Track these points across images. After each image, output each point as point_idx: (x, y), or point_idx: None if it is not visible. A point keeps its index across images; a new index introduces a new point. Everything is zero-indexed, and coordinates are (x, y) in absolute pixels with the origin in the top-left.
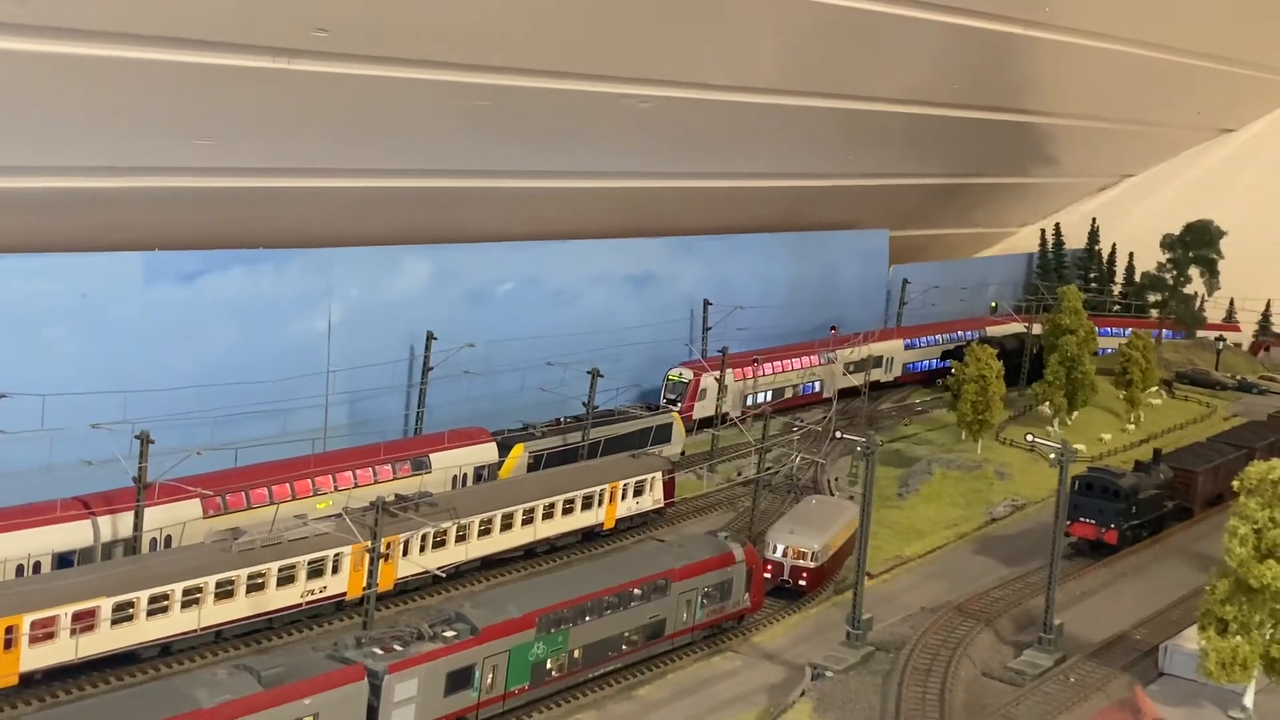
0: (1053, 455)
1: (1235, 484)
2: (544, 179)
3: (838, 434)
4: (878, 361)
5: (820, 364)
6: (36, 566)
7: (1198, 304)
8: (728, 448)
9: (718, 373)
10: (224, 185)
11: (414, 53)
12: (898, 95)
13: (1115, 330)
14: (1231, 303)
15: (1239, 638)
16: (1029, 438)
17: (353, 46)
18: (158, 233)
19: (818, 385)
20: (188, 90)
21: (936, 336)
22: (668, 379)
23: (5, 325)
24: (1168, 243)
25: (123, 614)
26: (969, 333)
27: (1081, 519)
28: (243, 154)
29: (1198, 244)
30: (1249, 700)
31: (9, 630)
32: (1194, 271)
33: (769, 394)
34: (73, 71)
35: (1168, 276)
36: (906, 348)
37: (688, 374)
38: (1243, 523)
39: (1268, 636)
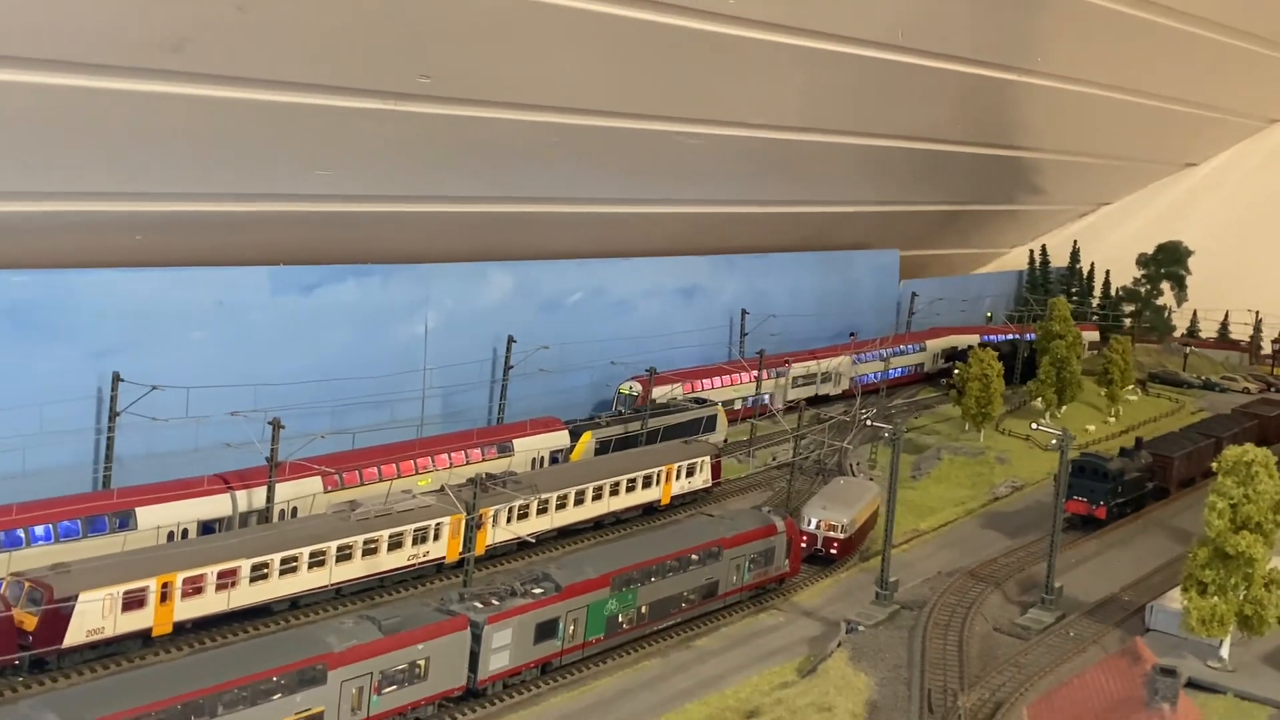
0: (1054, 441)
1: (1214, 465)
2: (606, 205)
3: (868, 421)
4: (826, 376)
5: (768, 378)
6: (185, 533)
7: (1166, 314)
8: (763, 436)
9: (667, 386)
10: (339, 209)
11: (499, 96)
12: (908, 133)
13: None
14: (1195, 314)
15: (1217, 598)
16: (1034, 426)
17: (450, 91)
18: (283, 249)
19: (767, 398)
20: (312, 128)
21: (883, 351)
22: (619, 392)
23: (155, 328)
24: (1142, 260)
25: (259, 573)
26: (911, 346)
27: (1075, 497)
28: (355, 182)
29: (1168, 261)
30: (1224, 652)
31: (165, 586)
32: (1165, 286)
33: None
34: (216, 111)
35: (1141, 290)
36: (855, 362)
37: (638, 388)
38: (1220, 499)
39: (1242, 597)
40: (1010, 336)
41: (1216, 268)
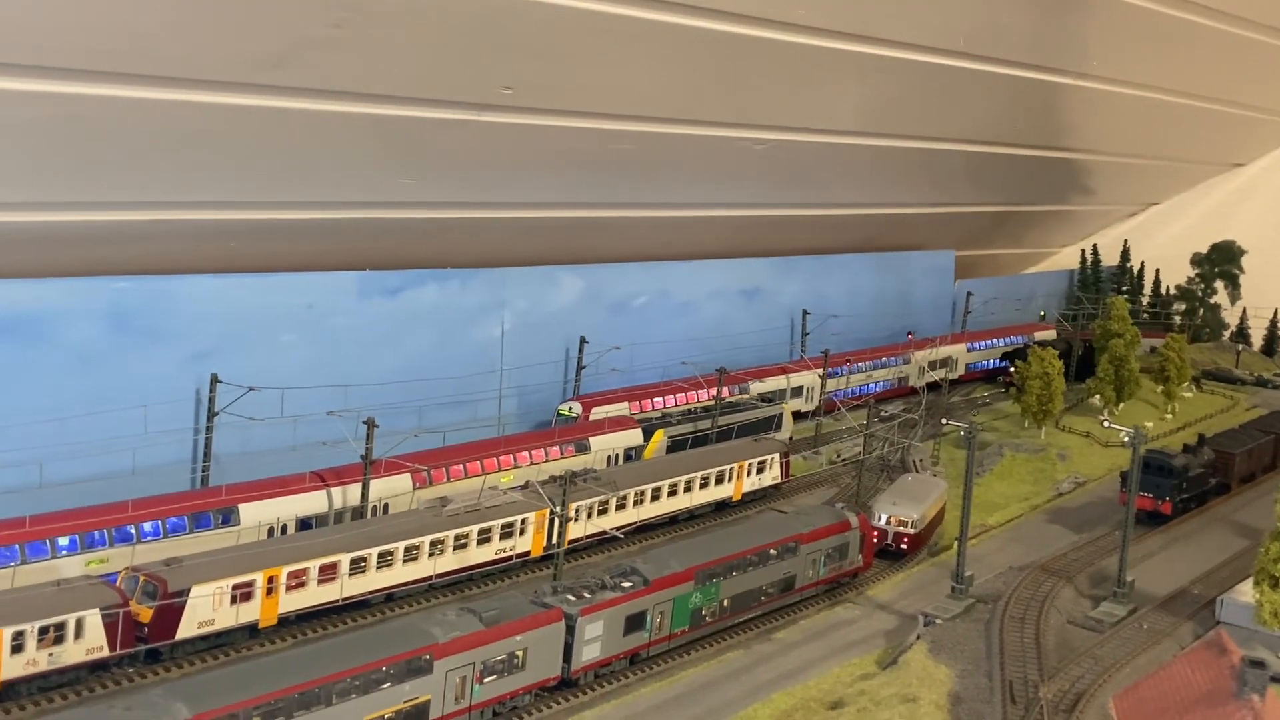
0: (1126, 438)
1: None
2: (673, 209)
3: (944, 420)
4: (797, 391)
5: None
6: (284, 529)
7: (1221, 313)
8: (829, 432)
9: (608, 407)
10: (421, 216)
11: (575, 105)
12: (964, 136)
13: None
14: (1244, 312)
15: None
16: (1105, 423)
17: (529, 102)
18: (368, 255)
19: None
20: (399, 139)
21: (861, 364)
22: (558, 413)
23: (249, 331)
24: (1196, 260)
25: (358, 567)
26: (891, 359)
27: (1141, 493)
28: (437, 190)
29: (1222, 260)
30: None
31: (270, 580)
32: (1219, 284)
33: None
34: (311, 124)
35: (1196, 289)
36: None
37: (577, 408)
38: None
39: None
40: (1010, 339)
41: (1264, 266)
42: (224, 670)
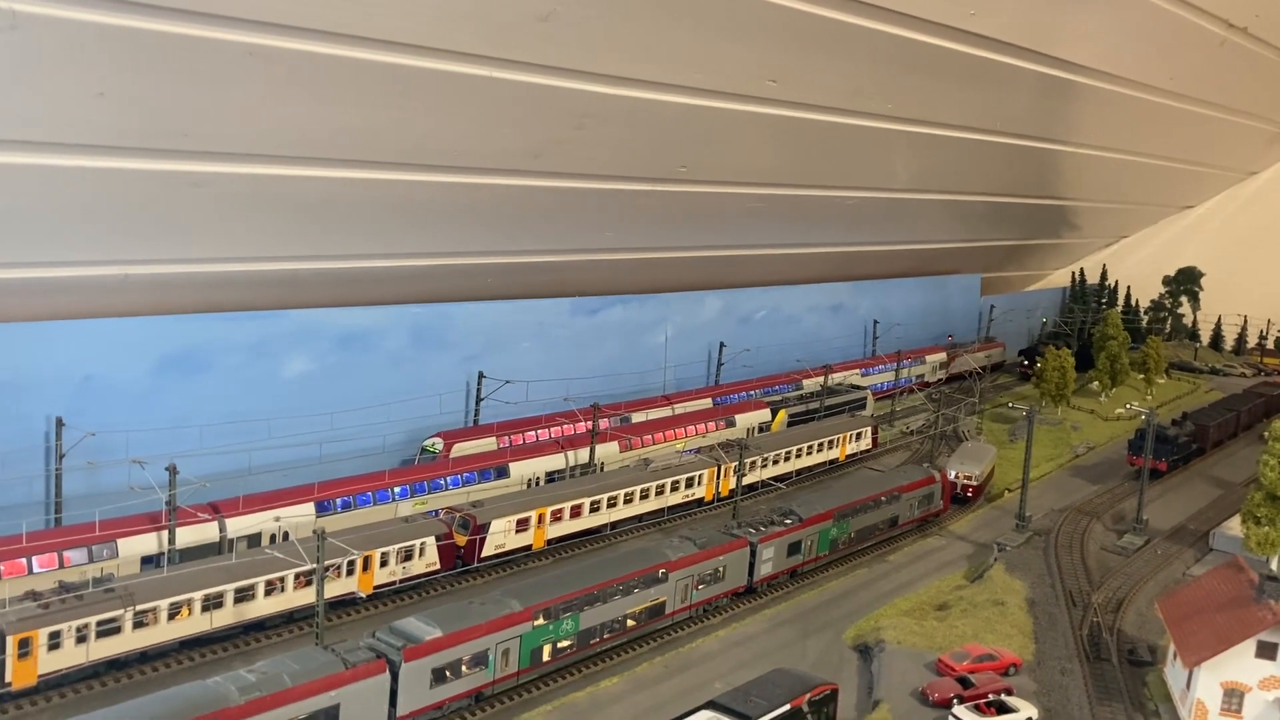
0: (1144, 415)
1: (1266, 433)
2: (784, 248)
3: (1010, 405)
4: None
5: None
6: (537, 481)
7: (1187, 321)
8: (901, 410)
9: (470, 440)
10: (615, 257)
11: (725, 177)
12: (985, 190)
13: None
14: (1195, 319)
15: (1268, 527)
16: (1129, 405)
17: (696, 176)
18: (576, 285)
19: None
20: (608, 204)
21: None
22: (423, 448)
23: (501, 341)
24: (1166, 281)
25: (595, 508)
26: (787, 385)
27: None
28: (628, 239)
29: (1186, 281)
30: (1274, 565)
31: (540, 516)
32: (1184, 300)
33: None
34: (554, 196)
35: (1166, 303)
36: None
37: (439, 444)
38: (1272, 456)
39: None
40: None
41: (1210, 283)
42: (530, 579)
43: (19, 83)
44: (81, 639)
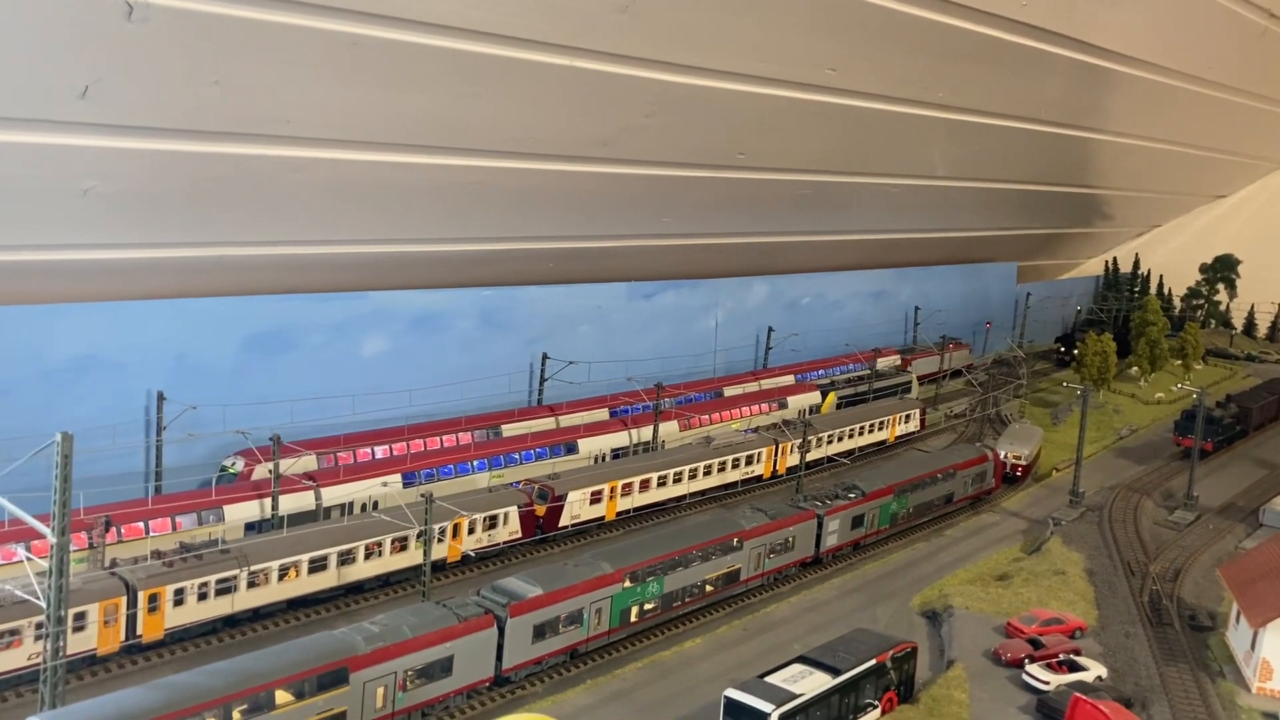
0: (1195, 395)
1: None
2: (831, 235)
3: (1065, 384)
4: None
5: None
6: (603, 457)
7: (1224, 308)
8: (946, 394)
9: (271, 464)
10: (671, 243)
11: (780, 163)
12: (1022, 179)
13: None
14: (1229, 306)
15: None
16: (1179, 384)
17: (754, 162)
18: (632, 270)
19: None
20: (666, 190)
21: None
22: (222, 467)
23: (562, 323)
24: (1203, 268)
25: (661, 482)
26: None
27: (1191, 435)
28: (685, 225)
29: (1223, 269)
30: None
31: (611, 489)
32: (1220, 287)
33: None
34: (620, 183)
35: (1203, 290)
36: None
37: (240, 463)
38: None
39: None
40: (849, 367)
41: (1243, 270)
42: (617, 545)
43: (147, 71)
44: (203, 596)
